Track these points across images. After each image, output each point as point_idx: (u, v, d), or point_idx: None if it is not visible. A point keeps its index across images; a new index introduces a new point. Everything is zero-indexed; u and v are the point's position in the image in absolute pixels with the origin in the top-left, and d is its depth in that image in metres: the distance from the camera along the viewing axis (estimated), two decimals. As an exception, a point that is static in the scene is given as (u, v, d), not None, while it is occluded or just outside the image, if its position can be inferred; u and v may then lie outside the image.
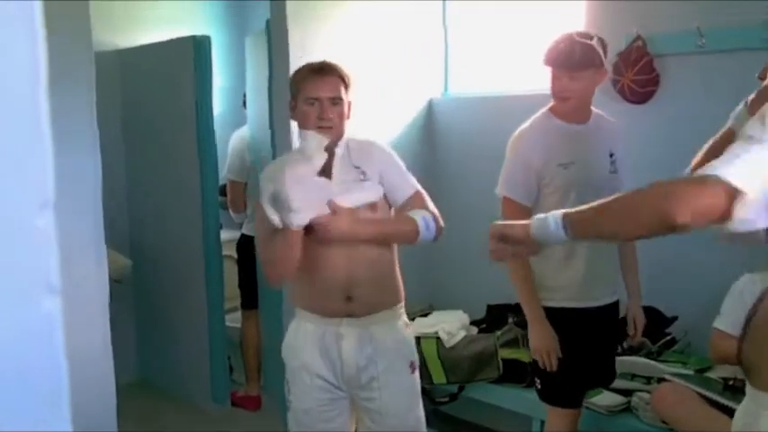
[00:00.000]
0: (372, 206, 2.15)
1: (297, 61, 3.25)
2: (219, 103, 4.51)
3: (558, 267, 2.41)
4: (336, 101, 2.14)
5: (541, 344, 2.38)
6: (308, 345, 2.20)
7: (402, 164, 2.25)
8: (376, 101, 3.48)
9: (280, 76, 3.28)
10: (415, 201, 2.19)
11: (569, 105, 2.38)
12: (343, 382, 2.22)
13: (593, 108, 2.50)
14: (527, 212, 2.40)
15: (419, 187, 2.23)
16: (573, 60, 2.30)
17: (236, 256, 4.13)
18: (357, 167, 2.16)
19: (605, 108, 3.15)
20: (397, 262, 2.27)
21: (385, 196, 2.19)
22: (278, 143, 3.34)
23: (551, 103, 2.45)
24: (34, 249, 0.60)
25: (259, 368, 4.03)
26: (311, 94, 2.12)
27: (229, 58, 4.75)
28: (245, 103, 4.21)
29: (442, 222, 2.19)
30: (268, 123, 3.44)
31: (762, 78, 1.49)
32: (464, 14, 3.89)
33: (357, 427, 2.36)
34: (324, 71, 2.16)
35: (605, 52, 2.35)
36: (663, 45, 3.04)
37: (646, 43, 3.05)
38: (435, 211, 2.19)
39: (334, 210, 2.02)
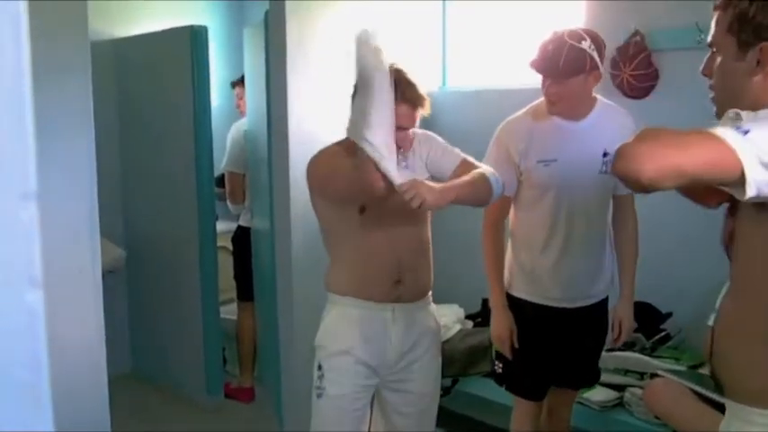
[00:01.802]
0: None
1: (294, 54, 3.24)
2: (217, 95, 4.49)
3: (534, 256, 2.41)
4: None
5: (497, 332, 2.43)
6: (354, 330, 2.20)
7: (441, 140, 2.28)
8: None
9: (277, 69, 3.27)
10: (466, 166, 2.17)
11: (558, 109, 2.32)
12: (382, 367, 2.23)
13: (603, 102, 2.41)
14: (507, 202, 2.44)
15: (465, 156, 2.23)
16: (558, 69, 2.22)
17: (231, 247, 4.13)
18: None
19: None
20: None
21: (432, 178, 2.17)
22: (275, 135, 3.33)
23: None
24: (17, 241, 0.59)
25: (253, 360, 4.03)
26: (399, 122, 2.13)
27: (227, 50, 4.73)
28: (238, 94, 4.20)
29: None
30: (265, 116, 3.43)
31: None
32: (463, 7, 3.88)
33: (374, 425, 2.36)
34: (408, 100, 2.17)
35: (601, 52, 2.26)
36: (661, 40, 3.03)
37: (644, 38, 3.05)
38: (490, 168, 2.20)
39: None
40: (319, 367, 2.26)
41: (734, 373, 1.49)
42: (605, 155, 2.32)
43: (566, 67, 2.21)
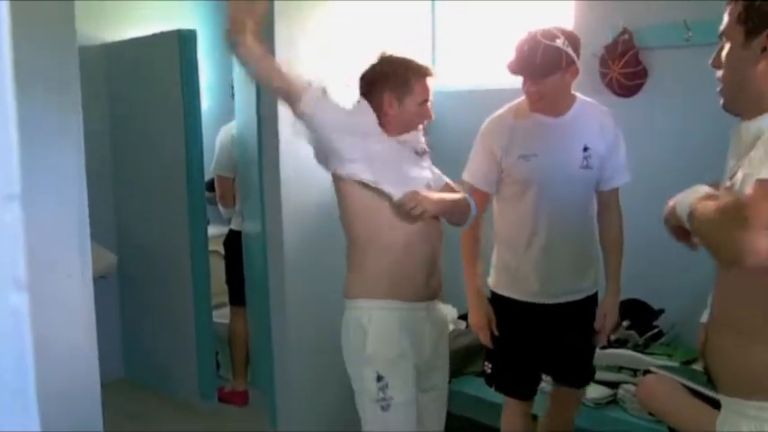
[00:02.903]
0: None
1: (283, 56, 3.23)
2: (207, 98, 4.49)
3: (518, 253, 2.43)
4: None
5: (474, 320, 2.50)
6: (402, 332, 2.17)
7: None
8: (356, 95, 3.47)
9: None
10: (449, 189, 2.29)
11: (539, 106, 2.36)
12: (420, 366, 2.23)
13: (583, 98, 2.45)
14: (486, 198, 2.49)
15: (447, 179, 2.32)
16: (534, 69, 2.27)
17: (223, 251, 4.11)
18: None
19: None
20: None
21: None
22: (265, 138, 3.32)
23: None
24: (1, 243, 0.59)
25: (246, 364, 4.02)
26: (425, 96, 2.19)
27: (217, 54, 4.72)
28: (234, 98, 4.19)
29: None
30: (255, 118, 3.42)
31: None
32: (452, 7, 3.88)
33: None
34: (430, 72, 2.22)
35: (576, 48, 2.30)
36: (650, 38, 3.04)
37: (632, 36, 3.06)
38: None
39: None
40: (379, 378, 2.14)
41: (727, 367, 1.50)
42: (586, 149, 2.36)
43: (542, 66, 2.26)
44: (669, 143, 3.02)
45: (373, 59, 2.25)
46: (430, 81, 2.20)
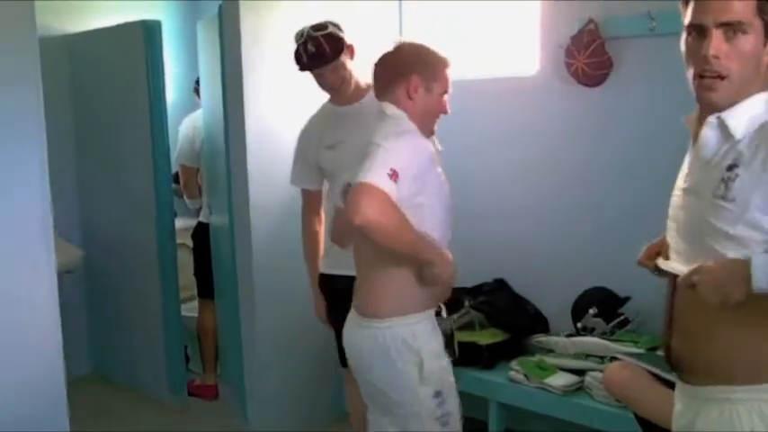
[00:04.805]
0: None
1: (249, 48, 3.21)
2: (173, 90, 4.43)
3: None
4: None
5: (315, 312, 2.75)
6: (440, 343, 2.11)
7: None
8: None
9: (232, 63, 3.24)
10: None
11: (338, 97, 2.60)
12: None
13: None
14: (318, 196, 2.68)
15: None
16: (311, 61, 2.51)
17: (191, 244, 4.08)
18: None
19: (560, 91, 3.20)
20: None
21: None
22: (231, 129, 3.30)
23: None
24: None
25: (216, 357, 4.00)
26: (447, 86, 2.12)
27: (182, 45, 4.67)
28: (196, 90, 4.16)
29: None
30: (222, 110, 3.40)
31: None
32: (419, 6, 3.85)
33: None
34: (450, 63, 2.16)
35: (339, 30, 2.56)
36: (615, 28, 3.06)
37: (598, 27, 3.07)
38: None
39: None
40: (437, 394, 2.07)
41: (697, 351, 1.50)
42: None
43: (315, 58, 2.50)
44: (633, 131, 3.05)
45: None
46: (450, 72, 2.14)
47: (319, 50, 2.50)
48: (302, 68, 2.56)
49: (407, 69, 2.06)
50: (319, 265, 2.74)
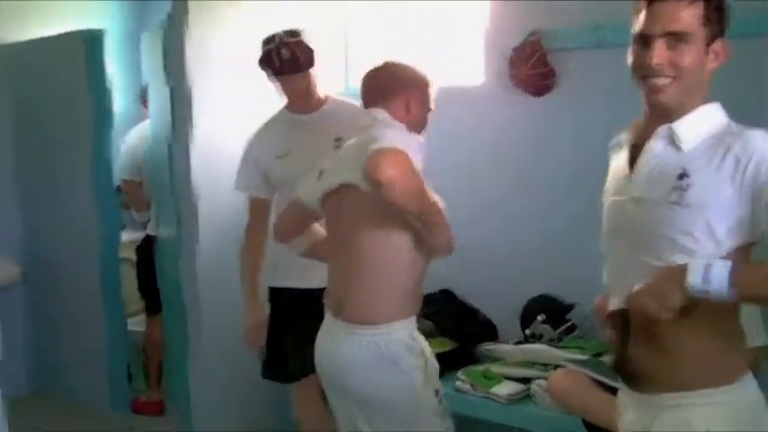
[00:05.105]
0: None
1: (196, 58, 3.17)
2: (118, 100, 4.36)
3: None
4: None
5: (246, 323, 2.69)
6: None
7: None
8: (278, 98, 3.44)
9: (178, 73, 3.20)
10: None
11: (301, 104, 2.61)
12: None
13: (330, 96, 2.66)
14: (266, 205, 2.64)
15: None
16: (287, 67, 2.51)
17: (135, 258, 4.00)
18: None
19: (503, 101, 3.23)
20: None
21: None
22: (177, 139, 3.25)
23: None
24: None
25: (161, 373, 3.92)
26: (431, 104, 2.21)
27: (129, 53, 4.60)
28: (143, 102, 4.09)
29: None
30: (169, 120, 3.35)
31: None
32: (365, 7, 3.87)
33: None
34: None
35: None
36: (558, 40, 3.10)
37: (541, 38, 3.11)
38: None
39: None
40: (437, 392, 2.12)
41: (659, 361, 1.50)
42: (338, 140, 2.43)
43: (288, 64, 2.52)
44: (577, 141, 3.09)
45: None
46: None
47: (294, 57, 2.53)
48: (275, 73, 2.57)
49: (408, 83, 2.15)
50: (266, 279, 2.70)
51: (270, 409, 3.49)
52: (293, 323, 2.64)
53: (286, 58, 2.52)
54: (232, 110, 3.24)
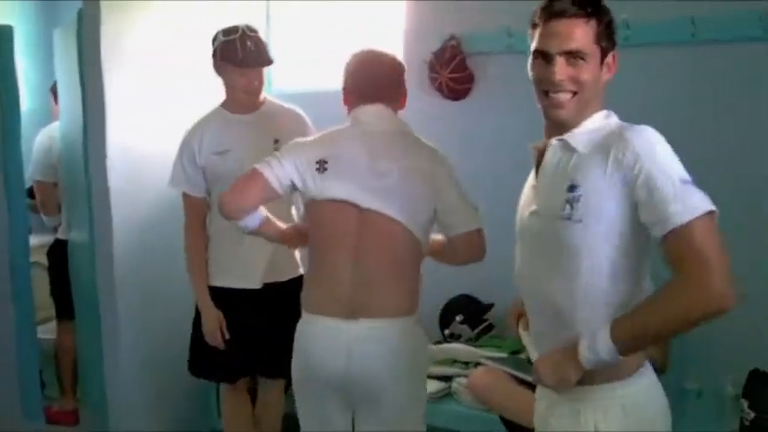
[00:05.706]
0: None
1: (110, 56, 3.08)
2: (27, 99, 4.20)
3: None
4: None
5: (208, 326, 2.60)
6: None
7: None
8: (196, 97, 3.38)
9: (91, 71, 3.10)
10: None
11: (246, 103, 2.62)
12: None
13: (267, 97, 2.70)
14: (202, 202, 2.62)
15: None
16: (253, 58, 2.52)
17: (46, 262, 3.86)
18: None
19: (424, 104, 3.26)
20: None
21: None
22: (91, 139, 3.15)
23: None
24: None
25: (75, 381, 3.79)
26: None
27: (39, 51, 4.43)
28: (55, 100, 3.96)
29: None
30: (81, 121, 3.24)
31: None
32: (287, 8, 3.86)
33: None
34: None
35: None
36: (476, 44, 3.18)
37: (460, 42, 3.18)
38: None
39: None
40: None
41: None
42: (276, 141, 2.48)
43: (268, 57, 2.58)
44: (496, 144, 3.16)
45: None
46: None
47: (259, 49, 2.54)
48: (236, 64, 2.53)
49: (403, 82, 2.23)
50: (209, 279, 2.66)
51: (191, 412, 3.44)
52: (229, 323, 2.62)
53: (251, 50, 2.51)
54: (147, 108, 3.17)
